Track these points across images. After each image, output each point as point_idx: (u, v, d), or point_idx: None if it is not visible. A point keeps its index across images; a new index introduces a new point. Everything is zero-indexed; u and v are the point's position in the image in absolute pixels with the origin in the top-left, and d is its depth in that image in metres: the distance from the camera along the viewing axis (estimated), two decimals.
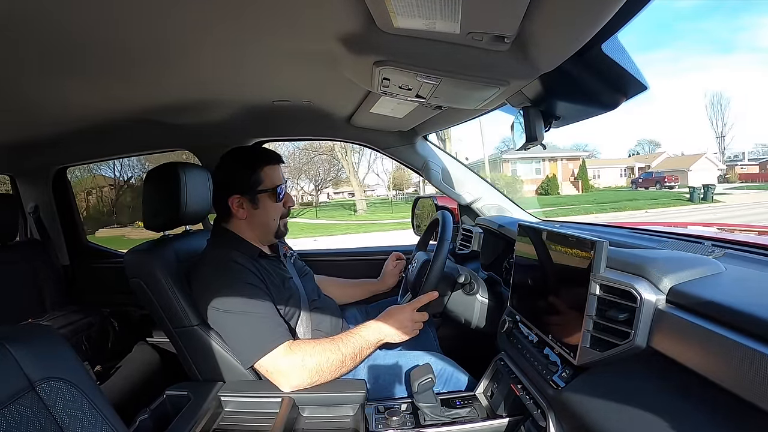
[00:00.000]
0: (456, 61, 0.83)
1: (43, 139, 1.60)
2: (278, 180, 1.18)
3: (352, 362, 1.07)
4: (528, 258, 1.03)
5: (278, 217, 1.20)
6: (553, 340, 0.86)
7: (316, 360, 1.02)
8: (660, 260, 0.70)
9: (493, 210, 1.75)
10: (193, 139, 1.71)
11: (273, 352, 1.01)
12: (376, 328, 1.12)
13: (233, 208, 1.17)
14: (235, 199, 1.16)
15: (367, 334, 1.10)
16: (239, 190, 1.16)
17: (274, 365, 1.01)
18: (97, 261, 2.09)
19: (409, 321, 1.13)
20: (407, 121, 1.46)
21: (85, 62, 0.89)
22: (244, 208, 1.17)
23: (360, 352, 1.08)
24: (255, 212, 1.18)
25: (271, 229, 1.21)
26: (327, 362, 1.03)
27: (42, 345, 0.65)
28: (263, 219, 1.18)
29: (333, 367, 1.03)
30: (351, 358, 1.06)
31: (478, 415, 1.01)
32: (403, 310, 1.14)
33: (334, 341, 1.07)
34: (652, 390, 0.62)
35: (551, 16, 0.64)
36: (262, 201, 1.17)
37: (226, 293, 1.04)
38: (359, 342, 1.08)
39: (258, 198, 1.17)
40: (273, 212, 1.19)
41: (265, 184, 1.16)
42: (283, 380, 1.01)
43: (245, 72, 1.06)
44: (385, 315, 1.15)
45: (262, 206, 1.17)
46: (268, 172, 1.17)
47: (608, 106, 0.97)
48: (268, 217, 1.18)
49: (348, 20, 0.74)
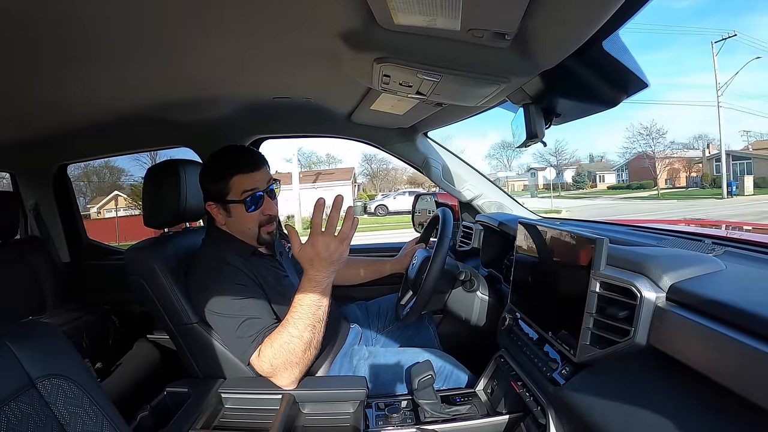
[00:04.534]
0: (456, 57, 0.82)
1: (44, 137, 1.60)
2: (251, 187, 1.10)
3: (313, 331, 0.99)
4: (528, 255, 1.03)
5: (255, 226, 1.14)
6: (553, 338, 0.86)
7: (282, 359, 0.98)
8: (660, 258, 0.70)
9: (493, 207, 1.75)
10: (194, 136, 1.71)
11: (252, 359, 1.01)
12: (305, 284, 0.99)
13: (212, 213, 1.15)
14: (211, 206, 1.14)
15: (302, 298, 0.99)
16: (212, 197, 1.13)
17: (261, 369, 1.01)
18: (98, 258, 2.09)
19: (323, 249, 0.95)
20: (408, 118, 1.46)
21: (87, 59, 0.89)
22: (221, 215, 1.14)
23: (312, 316, 0.98)
24: (230, 220, 1.15)
25: (250, 238, 1.16)
26: (293, 352, 0.97)
27: (42, 342, 0.65)
28: (238, 228, 1.15)
29: (300, 350, 0.97)
30: (310, 330, 0.98)
31: (478, 412, 1.02)
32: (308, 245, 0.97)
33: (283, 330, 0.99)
34: (651, 387, 0.63)
35: (552, 12, 0.64)
36: (233, 210, 1.12)
37: (218, 295, 1.04)
38: (303, 311, 0.98)
39: (229, 207, 1.12)
40: (247, 221, 1.13)
41: (233, 195, 1.10)
42: (276, 381, 1.02)
43: (246, 69, 1.06)
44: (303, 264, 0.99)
45: (235, 215, 1.13)
46: (238, 181, 1.10)
47: (609, 104, 0.97)
48: (243, 226, 1.14)
49: (348, 17, 0.74)
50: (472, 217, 1.79)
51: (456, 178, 1.75)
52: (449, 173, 1.75)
